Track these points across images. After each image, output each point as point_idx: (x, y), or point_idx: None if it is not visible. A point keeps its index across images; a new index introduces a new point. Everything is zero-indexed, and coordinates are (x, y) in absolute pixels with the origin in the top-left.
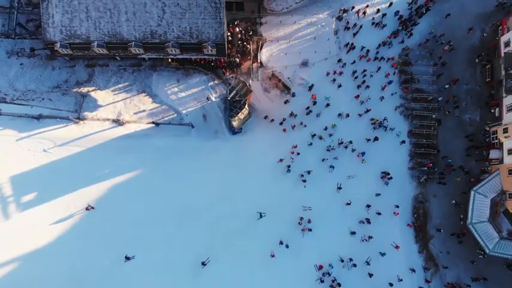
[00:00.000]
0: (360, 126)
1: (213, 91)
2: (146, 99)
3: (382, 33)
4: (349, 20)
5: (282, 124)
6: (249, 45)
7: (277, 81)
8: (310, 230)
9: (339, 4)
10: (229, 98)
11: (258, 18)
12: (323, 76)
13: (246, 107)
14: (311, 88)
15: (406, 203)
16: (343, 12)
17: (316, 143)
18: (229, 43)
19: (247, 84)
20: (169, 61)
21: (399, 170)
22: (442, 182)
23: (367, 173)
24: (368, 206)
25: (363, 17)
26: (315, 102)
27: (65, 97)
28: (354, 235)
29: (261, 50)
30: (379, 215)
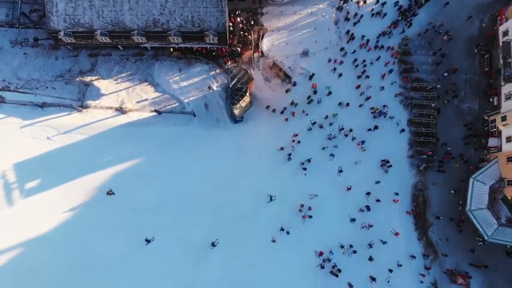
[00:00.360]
0: (360, 115)
1: (214, 80)
2: (148, 88)
3: (382, 23)
4: (349, 11)
5: (282, 113)
6: (250, 35)
7: (278, 71)
8: (310, 217)
9: None
10: (230, 86)
11: (259, 8)
12: (323, 65)
13: (248, 95)
14: (312, 77)
15: (405, 191)
16: (344, 2)
17: (317, 132)
18: (230, 33)
19: (248, 72)
20: (171, 51)
21: (399, 158)
22: (441, 170)
23: (367, 161)
24: (368, 193)
25: (363, 6)
26: (316, 92)
27: (68, 86)
28: (354, 222)
29: (262, 39)
30: (379, 201)
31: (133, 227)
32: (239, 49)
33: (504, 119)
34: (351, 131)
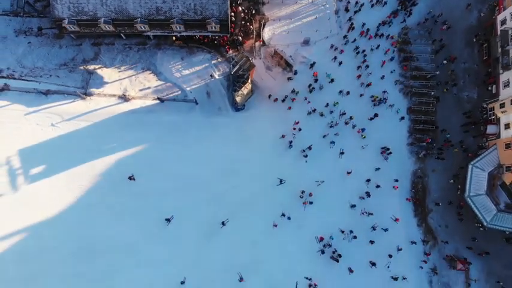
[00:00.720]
0: (361, 103)
1: (216, 69)
2: (151, 77)
3: (382, 13)
4: (350, 0)
5: (284, 101)
6: (251, 25)
7: (279, 59)
8: (311, 203)
9: None
10: (232, 73)
11: None
12: (324, 54)
13: (249, 82)
14: (312, 66)
15: (405, 178)
16: None
17: (317, 119)
18: (232, 23)
19: (250, 59)
20: (174, 39)
21: (398, 146)
22: (440, 157)
23: (367, 148)
24: (368, 180)
25: None
26: (317, 80)
27: (72, 74)
28: (354, 208)
29: (263, 29)
30: (379, 187)
31: (137, 211)
32: (240, 38)
33: (502, 106)
34: (351, 118)
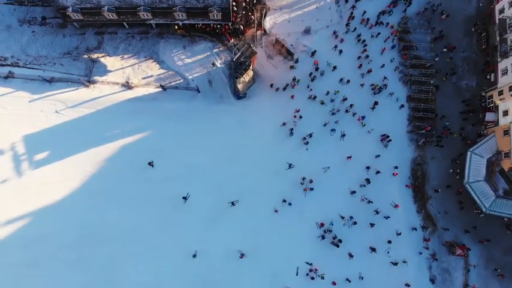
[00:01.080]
0: (361, 91)
1: (218, 57)
2: (154, 65)
3: (382, 2)
4: None
5: (285, 90)
6: (252, 14)
7: (281, 47)
8: (312, 189)
9: None
10: (234, 59)
11: None
12: (325, 43)
13: (251, 69)
14: (313, 54)
15: (404, 165)
16: None
17: (318, 107)
18: (233, 12)
19: (251, 46)
20: (176, 28)
21: (398, 134)
22: (439, 145)
23: (367, 135)
24: (368, 167)
25: None
26: (317, 68)
27: (75, 62)
28: (354, 194)
29: (264, 18)
30: (379, 173)
31: (140, 197)
32: (242, 27)
33: (501, 93)
34: (351, 106)
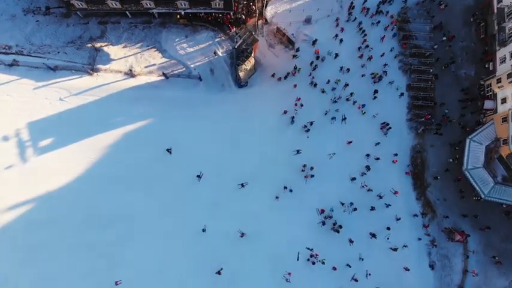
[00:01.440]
0: (361, 80)
1: (219, 46)
2: (156, 54)
3: None
4: None
5: (286, 78)
6: (254, 5)
7: (282, 36)
8: (312, 176)
9: None
10: (236, 47)
11: None
12: (326, 32)
13: (252, 57)
14: (314, 43)
15: (404, 153)
16: None
17: (319, 96)
18: (235, 1)
19: (253, 33)
20: (178, 18)
21: (398, 122)
22: (438, 133)
23: (367, 123)
24: (367, 155)
25: None
26: (318, 57)
27: (79, 51)
28: (354, 181)
29: (265, 7)
30: (378, 159)
31: (143, 183)
32: (243, 16)
33: (499, 81)
34: (351, 95)
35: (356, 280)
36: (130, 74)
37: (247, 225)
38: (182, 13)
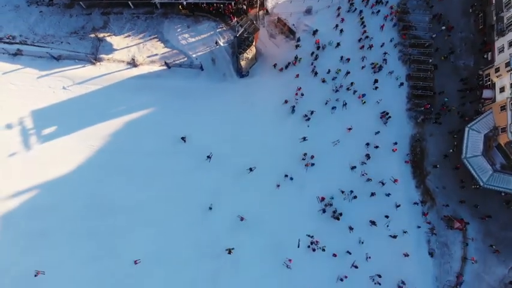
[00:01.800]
0: (361, 70)
1: (221, 36)
2: (158, 44)
3: None
4: None
5: (287, 68)
6: None
7: (283, 26)
8: (313, 164)
9: None
10: (237, 35)
11: None
12: (326, 23)
13: (254, 46)
14: (315, 33)
15: (404, 142)
16: None
17: (320, 86)
18: None
19: (254, 22)
20: (180, 8)
21: (398, 111)
22: (438, 122)
23: (367, 112)
24: (367, 144)
25: None
26: (319, 47)
27: (82, 41)
28: (354, 169)
29: None
30: (377, 148)
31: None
32: (245, 7)
33: (497, 70)
34: (352, 84)
35: (356, 267)
36: (133, 63)
37: (248, 213)
38: (184, 3)
